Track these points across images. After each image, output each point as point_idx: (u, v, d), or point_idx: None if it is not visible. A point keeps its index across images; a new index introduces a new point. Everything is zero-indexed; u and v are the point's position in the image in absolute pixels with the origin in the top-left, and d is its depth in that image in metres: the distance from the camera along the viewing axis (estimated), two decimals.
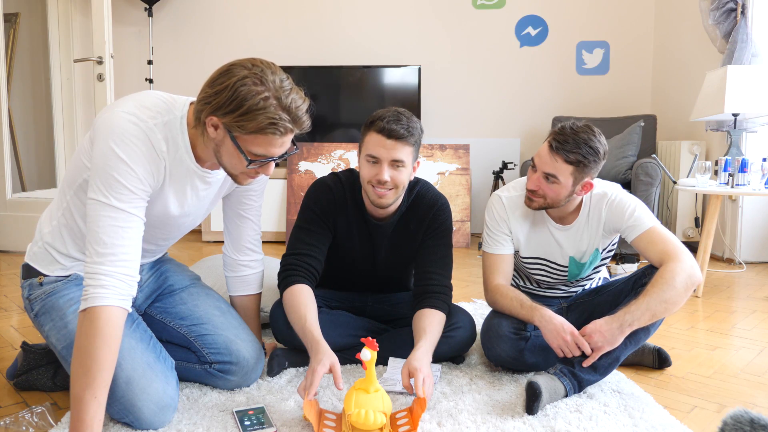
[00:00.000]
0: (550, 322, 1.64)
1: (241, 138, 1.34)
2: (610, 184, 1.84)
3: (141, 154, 1.35)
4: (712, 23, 3.67)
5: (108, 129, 1.33)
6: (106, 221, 1.30)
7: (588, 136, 1.69)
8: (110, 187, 1.31)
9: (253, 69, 1.31)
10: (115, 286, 1.28)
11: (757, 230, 3.67)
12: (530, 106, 4.74)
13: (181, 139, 1.43)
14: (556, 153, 1.69)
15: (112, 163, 1.31)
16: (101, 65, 3.54)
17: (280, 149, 1.38)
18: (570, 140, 1.68)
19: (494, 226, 1.86)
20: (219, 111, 1.32)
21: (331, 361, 1.49)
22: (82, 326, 1.27)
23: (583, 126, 1.71)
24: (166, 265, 1.80)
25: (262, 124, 1.30)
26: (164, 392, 1.44)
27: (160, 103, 1.42)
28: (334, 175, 1.87)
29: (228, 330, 1.65)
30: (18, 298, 2.70)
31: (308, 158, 4.36)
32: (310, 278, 1.74)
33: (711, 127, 3.68)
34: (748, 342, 2.21)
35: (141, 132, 1.35)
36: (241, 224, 1.77)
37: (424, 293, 1.77)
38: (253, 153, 1.36)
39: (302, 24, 4.77)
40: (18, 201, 3.88)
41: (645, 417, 1.52)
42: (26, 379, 1.67)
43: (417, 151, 1.75)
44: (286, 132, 1.34)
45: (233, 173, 1.43)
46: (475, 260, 3.75)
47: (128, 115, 1.35)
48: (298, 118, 1.34)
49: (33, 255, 1.56)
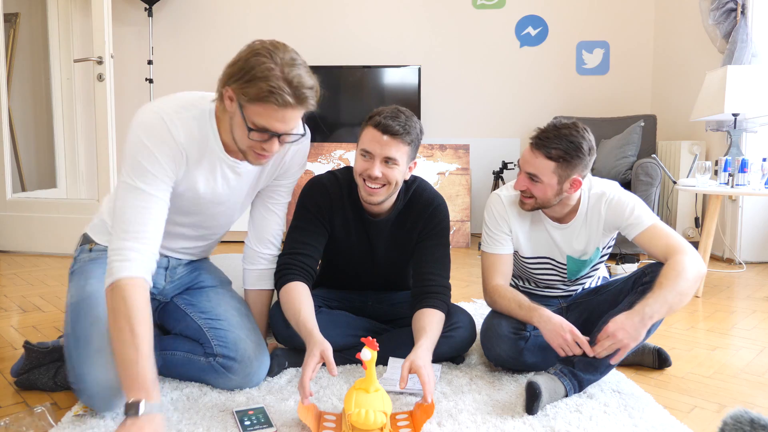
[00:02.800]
0: (549, 322, 1.64)
1: (246, 108, 1.41)
2: (608, 182, 1.83)
3: (162, 142, 1.47)
4: (712, 23, 3.67)
5: (137, 121, 1.49)
6: (131, 201, 1.44)
7: (569, 131, 1.67)
8: (136, 170, 1.45)
9: (269, 45, 1.40)
10: (138, 259, 1.39)
11: (757, 230, 3.67)
12: (530, 106, 4.74)
13: (210, 128, 1.54)
14: (536, 150, 1.68)
15: (137, 149, 1.45)
16: (101, 65, 3.54)
17: (282, 124, 1.42)
18: (551, 136, 1.67)
19: (494, 225, 1.85)
20: (231, 80, 1.41)
21: (322, 349, 1.48)
22: (111, 297, 1.37)
23: (568, 123, 1.70)
24: (204, 264, 1.89)
25: (263, 92, 1.36)
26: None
27: (191, 98, 1.55)
28: (330, 172, 1.87)
29: (241, 330, 1.67)
30: (18, 298, 2.71)
31: (308, 158, 4.36)
32: (305, 276, 1.75)
33: (711, 127, 3.68)
34: (748, 342, 2.21)
35: (162, 123, 1.47)
36: (267, 217, 1.82)
37: (422, 293, 1.76)
38: (255, 123, 1.41)
39: (302, 24, 4.77)
40: (18, 201, 3.88)
41: (645, 417, 1.52)
42: (27, 378, 1.68)
43: (414, 151, 1.74)
44: (285, 104, 1.38)
45: (242, 148, 1.50)
46: (474, 260, 3.75)
47: (155, 109, 1.50)
48: (300, 93, 1.39)
49: (92, 226, 1.79)
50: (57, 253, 3.72)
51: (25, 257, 3.69)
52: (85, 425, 1.44)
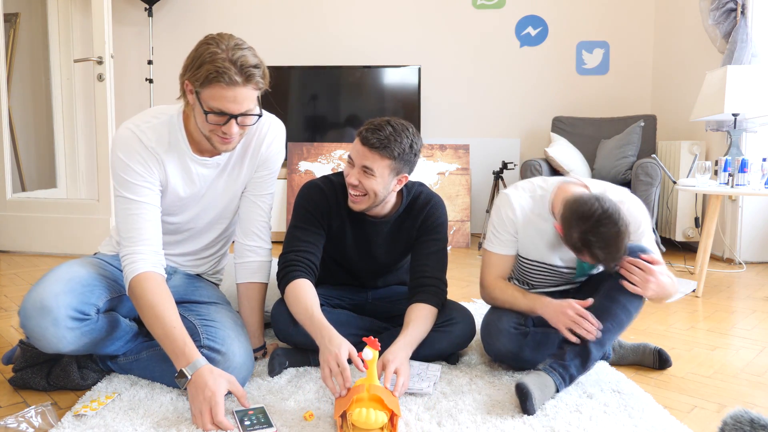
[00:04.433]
0: (551, 305, 1.67)
1: (201, 94, 1.53)
2: (624, 190, 1.80)
3: (134, 152, 1.62)
4: (712, 23, 3.67)
5: (113, 140, 1.66)
6: (124, 212, 1.62)
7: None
8: (120, 183, 1.63)
9: (215, 36, 1.54)
10: (142, 259, 1.57)
11: (757, 230, 3.67)
12: (530, 106, 4.74)
13: (179, 130, 1.68)
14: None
15: (116, 164, 1.63)
16: (101, 65, 3.54)
17: (234, 105, 1.52)
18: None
19: (501, 226, 1.83)
20: (186, 72, 1.56)
21: (348, 347, 1.53)
22: (132, 296, 1.56)
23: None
24: (202, 282, 1.92)
25: (211, 73, 1.48)
26: (48, 293, 1.54)
27: (163, 108, 1.70)
28: (325, 176, 1.90)
29: (232, 331, 1.67)
30: (18, 298, 2.71)
31: (308, 158, 4.36)
32: (309, 273, 1.77)
33: (711, 127, 3.68)
34: (748, 342, 2.21)
35: (132, 134, 1.63)
36: (251, 209, 1.86)
37: (416, 287, 1.80)
38: (210, 106, 1.53)
39: (302, 24, 4.77)
40: (18, 201, 3.88)
41: (645, 417, 1.52)
42: (21, 376, 1.68)
43: (400, 165, 1.72)
44: (233, 82, 1.49)
45: (205, 134, 1.61)
46: (474, 260, 3.75)
47: (127, 125, 1.65)
48: (246, 71, 1.50)
49: (103, 244, 1.87)
50: (57, 253, 3.72)
51: (25, 257, 3.69)
52: (85, 425, 1.44)
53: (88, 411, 1.50)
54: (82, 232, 3.62)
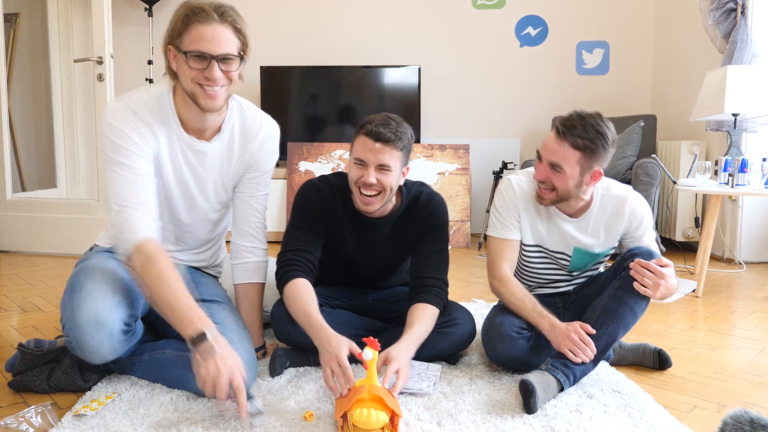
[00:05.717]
0: (557, 329, 1.67)
1: (182, 44, 1.55)
2: (628, 187, 1.86)
3: (130, 121, 1.60)
4: (712, 23, 3.67)
5: (103, 113, 1.63)
6: (117, 177, 1.57)
7: (596, 121, 1.68)
8: (113, 149, 1.58)
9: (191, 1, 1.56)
10: (146, 225, 1.54)
11: (757, 230, 3.67)
12: (530, 106, 4.74)
13: (168, 105, 1.67)
14: (563, 138, 1.68)
15: (108, 131, 1.59)
16: (101, 65, 3.54)
17: (213, 44, 1.53)
18: (577, 125, 1.68)
19: (504, 209, 1.84)
20: (167, 39, 1.58)
21: (349, 345, 1.53)
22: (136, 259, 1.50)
23: (591, 112, 1.71)
24: (204, 278, 1.89)
25: (186, 17, 1.52)
26: (102, 306, 1.50)
27: (152, 86, 1.71)
28: (322, 176, 1.89)
29: (234, 334, 1.64)
30: (18, 298, 2.71)
31: (308, 158, 4.36)
32: (308, 273, 1.77)
33: (711, 127, 3.68)
34: (748, 342, 2.21)
35: (125, 106, 1.62)
36: (245, 209, 1.85)
37: (418, 287, 1.79)
38: (189, 49, 1.54)
39: (302, 24, 4.77)
40: (18, 201, 3.88)
41: (645, 417, 1.52)
42: (21, 380, 1.66)
43: (406, 156, 1.77)
44: (209, 18, 1.52)
45: (191, 89, 1.59)
46: (475, 260, 3.75)
47: (117, 99, 1.65)
48: (220, 9, 1.54)
49: (100, 237, 1.85)
50: (57, 253, 3.72)
51: (25, 257, 3.69)
52: (85, 425, 1.44)
53: (88, 411, 1.50)
54: (82, 232, 3.62)
